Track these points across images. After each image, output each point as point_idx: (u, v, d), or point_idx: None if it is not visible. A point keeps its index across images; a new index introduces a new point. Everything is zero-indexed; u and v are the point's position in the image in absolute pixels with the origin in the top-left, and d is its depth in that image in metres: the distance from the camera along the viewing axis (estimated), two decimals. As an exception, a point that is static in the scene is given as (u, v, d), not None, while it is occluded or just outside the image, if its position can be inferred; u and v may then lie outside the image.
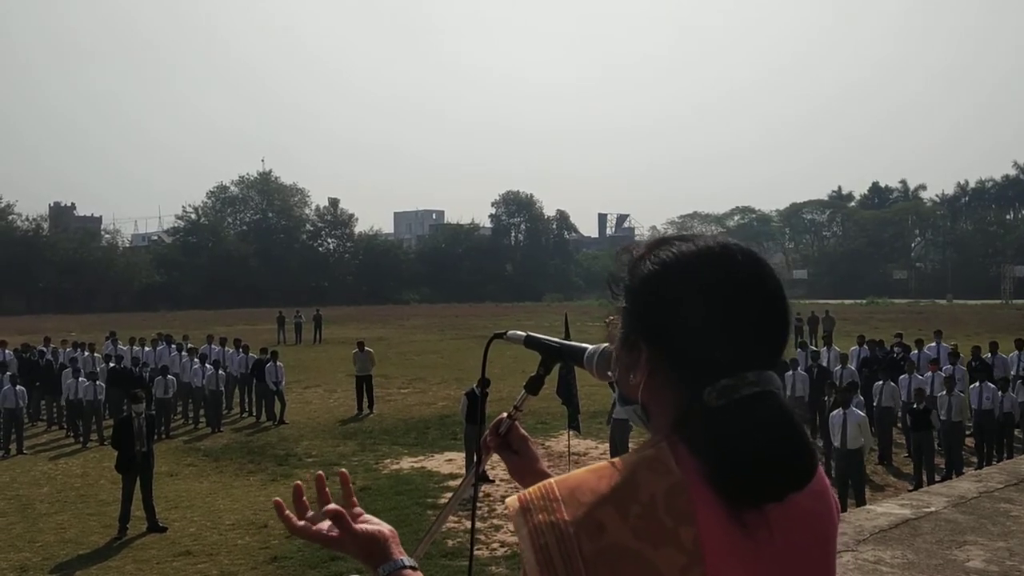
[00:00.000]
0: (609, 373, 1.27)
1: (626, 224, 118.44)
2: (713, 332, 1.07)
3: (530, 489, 1.07)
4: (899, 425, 16.14)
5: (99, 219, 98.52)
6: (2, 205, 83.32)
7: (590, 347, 1.44)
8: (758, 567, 1.04)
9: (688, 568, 0.99)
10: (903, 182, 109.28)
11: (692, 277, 1.10)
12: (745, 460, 1.02)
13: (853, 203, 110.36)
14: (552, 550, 1.00)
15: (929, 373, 16.15)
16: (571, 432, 14.15)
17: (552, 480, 1.07)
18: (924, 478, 13.14)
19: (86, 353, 22.36)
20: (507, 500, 1.08)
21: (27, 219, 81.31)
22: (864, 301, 68.32)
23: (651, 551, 0.99)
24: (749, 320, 1.09)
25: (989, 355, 17.94)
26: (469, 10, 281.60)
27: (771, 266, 1.16)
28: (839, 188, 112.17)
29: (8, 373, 18.78)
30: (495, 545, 10.44)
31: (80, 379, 18.47)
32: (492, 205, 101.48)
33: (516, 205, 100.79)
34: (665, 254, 1.14)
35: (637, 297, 1.14)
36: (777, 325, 1.12)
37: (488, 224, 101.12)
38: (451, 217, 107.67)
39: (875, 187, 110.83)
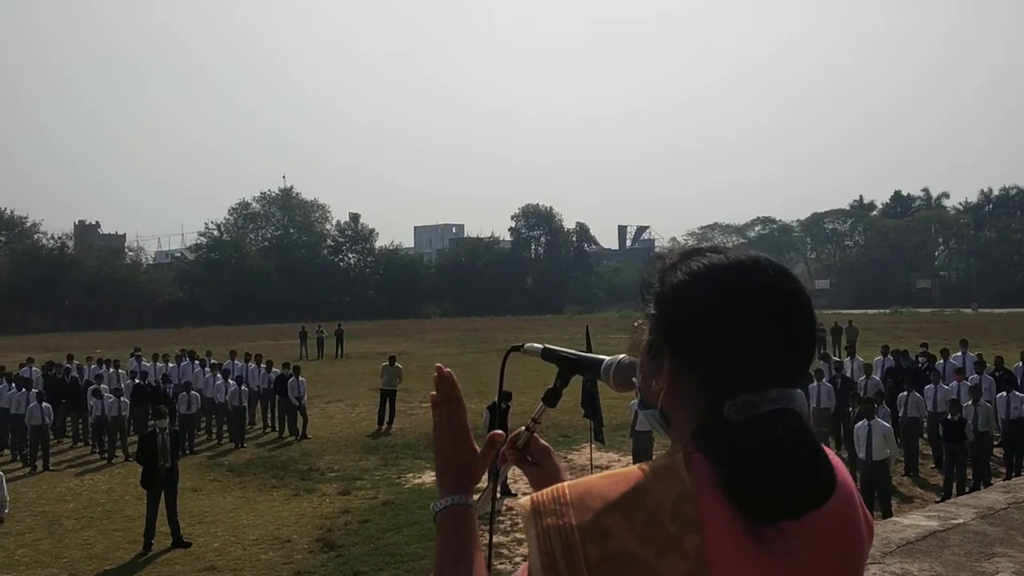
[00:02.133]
0: (634, 379, 1.28)
1: (646, 236, 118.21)
2: (739, 346, 1.08)
3: (543, 491, 1.08)
4: (925, 436, 15.97)
5: (123, 237, 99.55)
6: (28, 224, 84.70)
7: (607, 359, 1.44)
8: None
9: (692, 575, 1.00)
10: (925, 190, 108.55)
11: (721, 289, 1.11)
12: (760, 477, 1.02)
13: (875, 212, 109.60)
14: (557, 554, 1.02)
15: (955, 383, 15.98)
16: (594, 445, 14.11)
17: (565, 484, 1.08)
18: (953, 489, 12.99)
19: (111, 370, 22.55)
20: (520, 500, 1.09)
21: (52, 237, 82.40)
22: (888, 311, 67.73)
23: (655, 558, 1.00)
24: (776, 335, 1.09)
25: (1022, 363, 17.76)
26: (496, 20, 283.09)
27: (803, 286, 1.16)
28: (861, 197, 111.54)
29: (34, 390, 18.99)
30: (517, 559, 10.40)
31: (105, 396, 18.64)
32: (512, 218, 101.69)
33: (536, 218, 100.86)
34: (696, 264, 1.14)
35: (665, 305, 1.15)
36: (804, 342, 1.12)
37: (508, 237, 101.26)
38: (471, 231, 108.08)
39: (897, 196, 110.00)
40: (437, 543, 1.29)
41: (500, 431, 1.43)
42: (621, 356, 1.36)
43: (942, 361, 19.03)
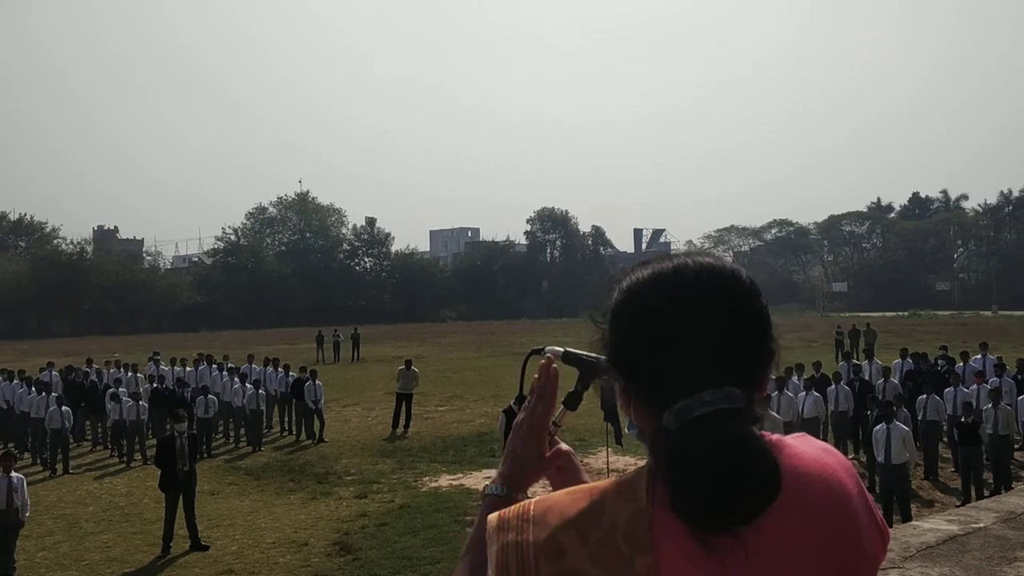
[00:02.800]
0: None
1: (662, 239, 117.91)
2: (664, 355, 1.06)
3: (512, 507, 1.09)
4: (945, 439, 15.85)
5: (141, 241, 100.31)
6: (48, 229, 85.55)
7: None
8: None
9: None
10: (944, 192, 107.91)
11: (639, 302, 1.10)
12: (696, 483, 0.98)
13: (893, 214, 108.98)
14: (511, 569, 1.02)
15: (975, 386, 15.85)
16: (611, 448, 14.09)
17: (532, 500, 1.08)
18: (972, 493, 12.88)
19: (129, 374, 22.71)
20: (488, 518, 1.09)
21: (72, 243, 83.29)
22: (906, 313, 67.29)
23: None
24: (699, 340, 1.06)
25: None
26: (511, 24, 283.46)
27: (741, 282, 1.11)
28: (878, 199, 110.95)
29: (54, 394, 19.15)
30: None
31: (124, 399, 18.76)
32: (527, 222, 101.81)
33: (551, 222, 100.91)
34: (626, 281, 1.15)
35: (606, 325, 1.15)
36: (734, 343, 1.07)
37: (523, 241, 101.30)
38: (486, 234, 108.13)
39: (915, 197, 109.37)
40: (477, 523, 1.25)
41: (568, 447, 1.42)
42: None
43: (961, 364, 18.90)
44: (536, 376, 1.33)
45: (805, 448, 1.11)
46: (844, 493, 1.08)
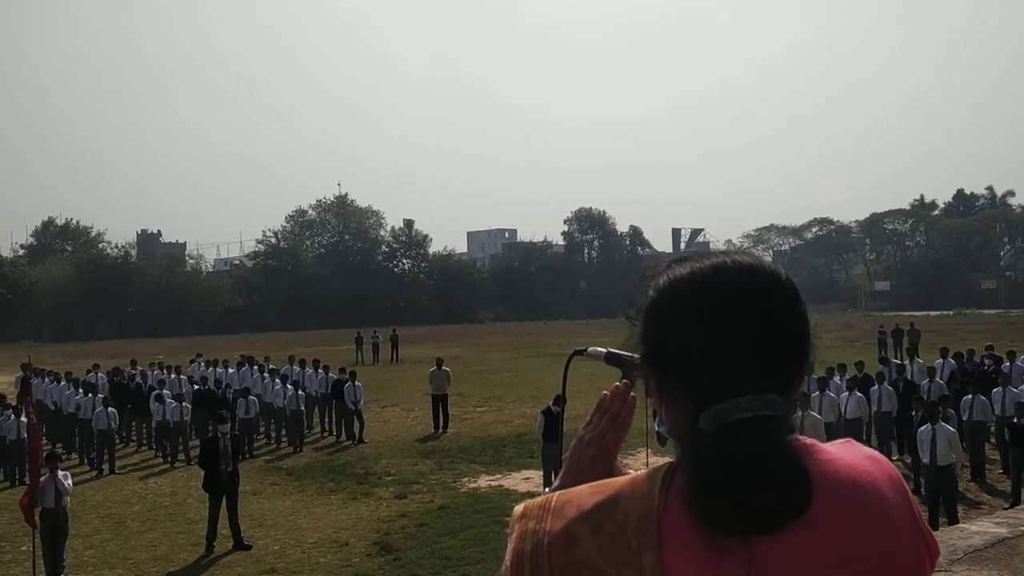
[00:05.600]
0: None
1: (700, 239, 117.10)
2: (702, 356, 1.06)
3: (537, 498, 1.12)
4: (992, 440, 15.55)
5: (184, 245, 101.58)
6: (93, 234, 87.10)
7: None
8: None
9: None
10: (990, 188, 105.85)
11: (678, 301, 1.10)
12: (716, 486, 0.98)
13: (937, 212, 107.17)
14: (525, 556, 1.05)
15: (1023, 386, 15.53)
16: (650, 449, 14.00)
17: (556, 492, 1.11)
18: (1023, 495, 12.62)
19: (173, 375, 23.06)
20: (516, 506, 1.12)
21: (116, 247, 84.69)
22: (951, 312, 66.12)
23: (613, 571, 1.01)
24: (738, 342, 1.05)
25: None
26: (543, 22, 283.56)
27: (781, 283, 1.10)
28: (922, 197, 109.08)
29: (101, 395, 19.50)
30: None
31: (167, 401, 19.06)
32: (564, 222, 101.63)
33: (589, 222, 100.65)
34: (662, 279, 1.14)
35: (641, 323, 1.15)
36: (775, 348, 1.06)
37: (561, 241, 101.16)
38: (524, 235, 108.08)
39: (960, 194, 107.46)
40: None
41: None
42: None
43: (1008, 364, 18.53)
44: (607, 395, 1.29)
45: (845, 457, 1.06)
46: (882, 507, 1.04)
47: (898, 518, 1.05)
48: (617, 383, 1.32)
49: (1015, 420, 13.30)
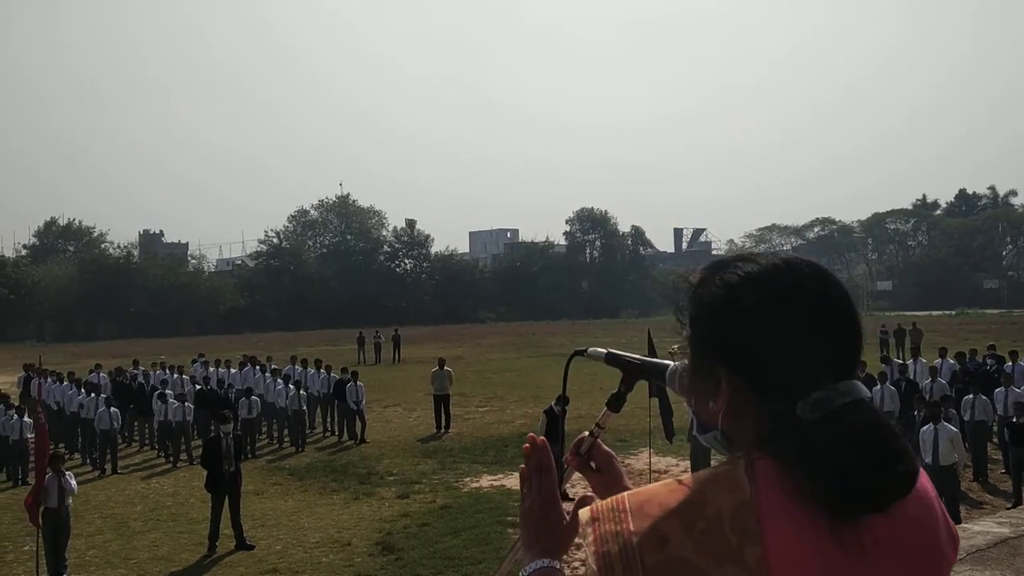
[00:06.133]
0: (686, 404, 1.26)
1: (702, 238, 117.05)
2: (794, 348, 1.08)
3: (602, 501, 1.10)
4: (994, 440, 15.53)
5: (186, 245, 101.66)
6: (95, 234, 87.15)
7: (673, 363, 1.42)
8: None
9: None
10: (992, 188, 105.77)
11: (764, 295, 1.11)
12: (847, 470, 1.01)
13: (939, 211, 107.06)
14: (614, 557, 1.03)
15: (1025, 386, 15.51)
16: (652, 449, 14.00)
17: (625, 493, 1.09)
18: None
19: (175, 375, 23.07)
20: (580, 512, 1.11)
21: (118, 247, 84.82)
22: (953, 312, 66.05)
23: (714, 567, 1.00)
24: (826, 332, 1.10)
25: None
26: (544, 23, 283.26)
27: (836, 276, 1.17)
28: (924, 196, 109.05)
29: (103, 395, 19.51)
30: (576, 564, 10.38)
31: (170, 401, 19.07)
32: (566, 222, 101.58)
33: (590, 222, 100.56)
34: (731, 276, 1.14)
35: (707, 322, 1.14)
36: (854, 334, 1.13)
37: (563, 241, 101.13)
38: (525, 235, 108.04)
39: (962, 194, 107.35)
40: None
41: (608, 450, 1.48)
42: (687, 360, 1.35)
43: (1011, 364, 18.50)
44: (525, 459, 1.36)
45: None
46: (930, 496, 1.13)
47: (937, 507, 1.13)
48: (525, 443, 1.37)
49: (1014, 419, 13.31)
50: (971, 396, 15.02)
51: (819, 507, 1.01)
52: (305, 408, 20.31)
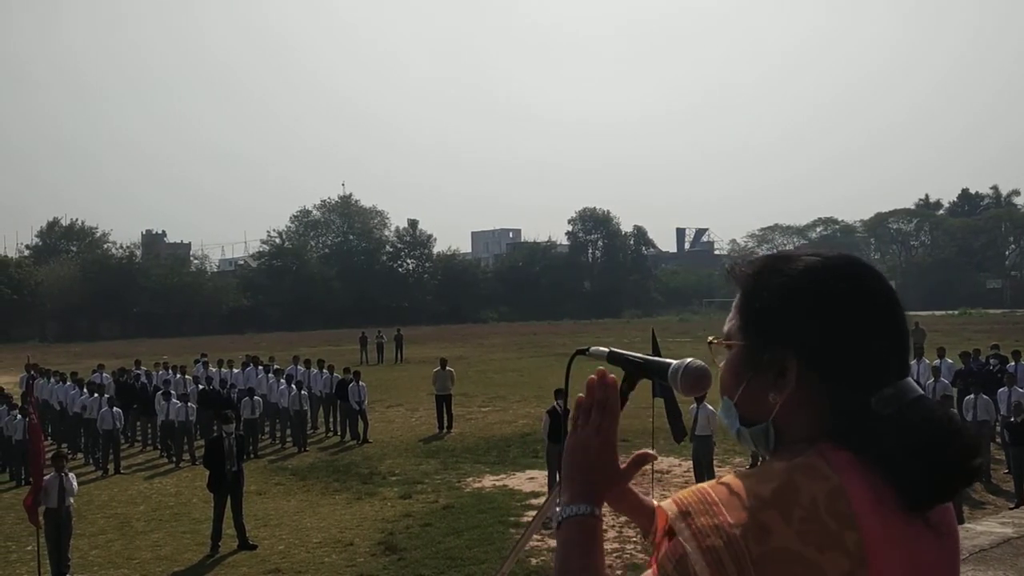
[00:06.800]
0: (726, 398, 1.24)
1: (705, 238, 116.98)
2: (872, 341, 1.11)
3: (683, 493, 1.09)
4: (997, 440, 15.51)
5: (188, 245, 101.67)
6: (98, 235, 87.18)
7: (675, 362, 1.42)
8: (919, 571, 1.08)
9: (852, 573, 1.01)
10: (994, 188, 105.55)
11: (835, 289, 1.12)
12: (933, 464, 1.05)
13: (941, 211, 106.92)
14: (721, 552, 1.01)
15: (1028, 385, 15.48)
16: (654, 450, 13.96)
17: (703, 485, 1.09)
18: (1026, 495, 12.59)
19: (178, 375, 23.08)
20: (662, 503, 1.10)
21: (121, 247, 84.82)
22: (956, 312, 65.98)
23: (817, 555, 1.01)
24: (896, 328, 1.14)
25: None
26: (546, 22, 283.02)
27: None
28: (926, 196, 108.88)
29: (106, 396, 19.52)
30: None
31: (172, 401, 19.08)
32: (568, 222, 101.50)
33: (593, 222, 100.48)
34: (794, 269, 1.16)
35: (773, 315, 1.15)
36: (907, 333, 1.17)
37: (565, 241, 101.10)
38: (528, 235, 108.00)
39: (965, 194, 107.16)
40: (561, 554, 1.20)
41: (652, 452, 1.45)
42: (689, 360, 1.34)
43: (1014, 364, 18.47)
44: (588, 387, 1.32)
45: None
46: None
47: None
48: (592, 375, 1.33)
49: (1012, 419, 13.30)
50: (972, 396, 15.00)
51: (897, 495, 1.05)
52: (307, 408, 20.32)
